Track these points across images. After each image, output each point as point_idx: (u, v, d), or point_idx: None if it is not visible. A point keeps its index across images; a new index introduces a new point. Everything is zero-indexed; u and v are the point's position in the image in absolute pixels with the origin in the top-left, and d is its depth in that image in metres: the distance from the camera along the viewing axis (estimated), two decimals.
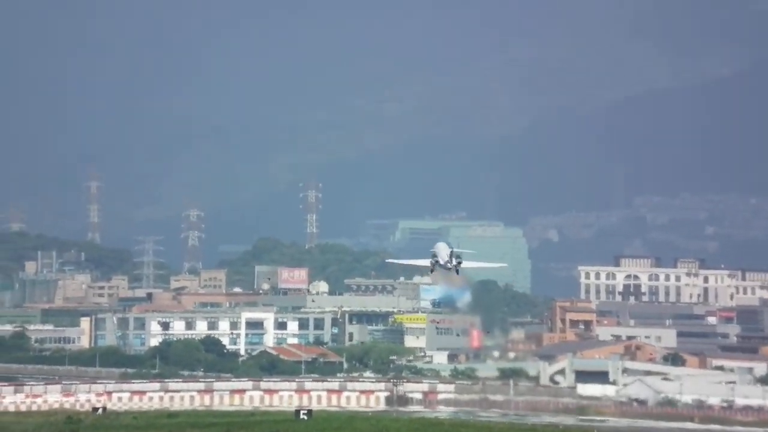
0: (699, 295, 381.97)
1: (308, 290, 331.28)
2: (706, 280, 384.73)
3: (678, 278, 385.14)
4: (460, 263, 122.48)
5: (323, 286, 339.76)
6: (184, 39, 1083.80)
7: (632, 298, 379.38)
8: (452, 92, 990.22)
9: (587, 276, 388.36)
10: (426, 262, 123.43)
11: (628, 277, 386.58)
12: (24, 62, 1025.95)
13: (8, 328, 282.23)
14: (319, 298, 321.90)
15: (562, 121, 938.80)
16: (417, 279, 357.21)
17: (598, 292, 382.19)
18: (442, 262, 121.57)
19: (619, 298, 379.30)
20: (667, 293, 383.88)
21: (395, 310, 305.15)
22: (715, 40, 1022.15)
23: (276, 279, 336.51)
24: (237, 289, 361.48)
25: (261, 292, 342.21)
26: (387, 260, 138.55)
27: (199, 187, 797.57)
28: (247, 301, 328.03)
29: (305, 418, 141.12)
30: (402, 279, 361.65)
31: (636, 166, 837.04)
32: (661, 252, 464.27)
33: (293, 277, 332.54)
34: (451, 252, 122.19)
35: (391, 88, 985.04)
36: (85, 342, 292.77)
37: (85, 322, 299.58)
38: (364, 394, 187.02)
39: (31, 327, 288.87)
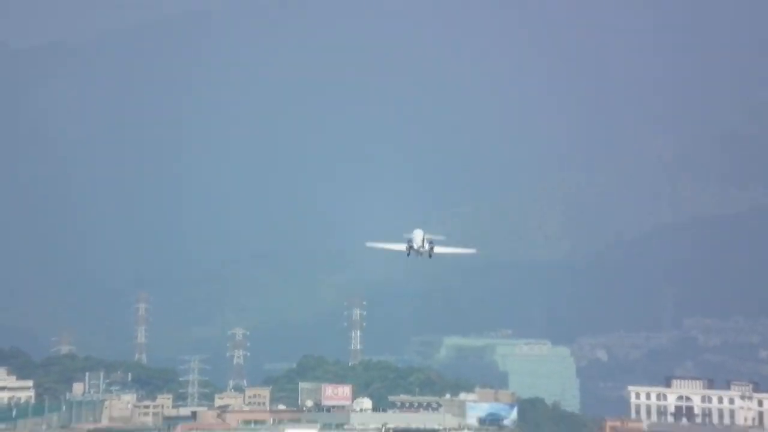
0: (753, 419, 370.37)
1: (352, 407, 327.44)
2: (760, 403, 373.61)
3: (732, 401, 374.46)
4: (432, 248, 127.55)
5: (367, 403, 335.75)
6: (230, 163, 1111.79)
7: (685, 420, 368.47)
8: (498, 215, 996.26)
9: (638, 396, 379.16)
10: (402, 247, 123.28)
11: (680, 398, 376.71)
12: (72, 189, 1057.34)
13: None
14: (363, 415, 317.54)
15: (611, 244, 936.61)
16: (463, 396, 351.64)
17: (649, 412, 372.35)
18: (416, 247, 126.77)
19: (671, 419, 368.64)
20: (720, 416, 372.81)
21: (441, 427, 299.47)
22: (760, 169, 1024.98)
23: (320, 396, 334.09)
24: (281, 406, 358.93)
25: (305, 409, 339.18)
26: (367, 244, 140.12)
27: (245, 308, 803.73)
28: (291, 418, 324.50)
29: None
30: (448, 396, 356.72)
31: (685, 288, 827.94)
32: (713, 374, 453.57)
33: (337, 393, 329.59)
34: (424, 237, 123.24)
35: (435, 211, 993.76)
36: None
37: None
38: None
39: None
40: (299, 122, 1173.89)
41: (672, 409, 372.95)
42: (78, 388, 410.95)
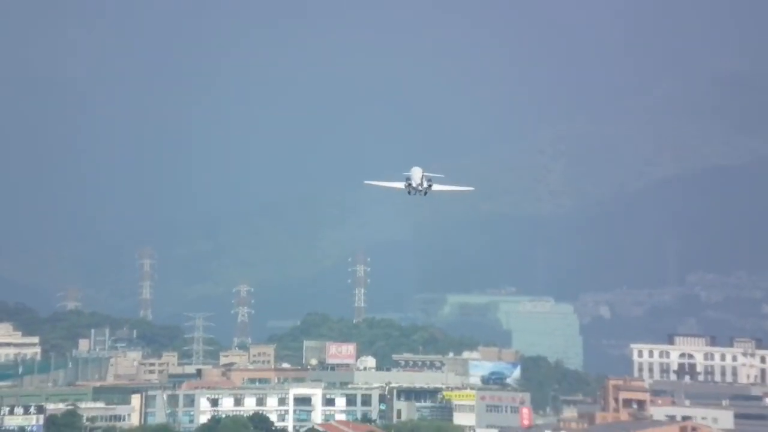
0: (756, 376, 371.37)
1: (356, 366, 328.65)
2: (763, 360, 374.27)
3: (734, 358, 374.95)
4: (430, 186, 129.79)
5: (371, 362, 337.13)
6: (235, 119, 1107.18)
7: (687, 378, 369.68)
8: (501, 168, 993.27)
9: (640, 354, 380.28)
10: (401, 185, 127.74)
11: (682, 355, 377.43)
12: (75, 142, 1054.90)
13: (61, 406, 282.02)
14: (367, 374, 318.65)
15: (613, 197, 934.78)
16: (466, 354, 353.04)
17: (651, 370, 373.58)
18: (414, 185, 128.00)
19: (673, 377, 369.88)
20: (723, 373, 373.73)
21: (444, 386, 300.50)
22: (766, 117, 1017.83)
23: (324, 354, 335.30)
24: (285, 365, 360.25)
25: (309, 367, 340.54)
26: (365, 182, 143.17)
27: (249, 264, 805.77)
28: (296, 376, 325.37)
29: None
30: (451, 354, 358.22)
31: (689, 243, 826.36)
32: (716, 331, 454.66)
33: (341, 352, 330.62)
34: (423, 175, 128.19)
35: (439, 164, 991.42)
36: (135, 419, 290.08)
37: (135, 399, 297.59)
38: None
39: (83, 405, 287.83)
40: (302, 71, 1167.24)
41: (675, 366, 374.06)
42: (84, 344, 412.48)
